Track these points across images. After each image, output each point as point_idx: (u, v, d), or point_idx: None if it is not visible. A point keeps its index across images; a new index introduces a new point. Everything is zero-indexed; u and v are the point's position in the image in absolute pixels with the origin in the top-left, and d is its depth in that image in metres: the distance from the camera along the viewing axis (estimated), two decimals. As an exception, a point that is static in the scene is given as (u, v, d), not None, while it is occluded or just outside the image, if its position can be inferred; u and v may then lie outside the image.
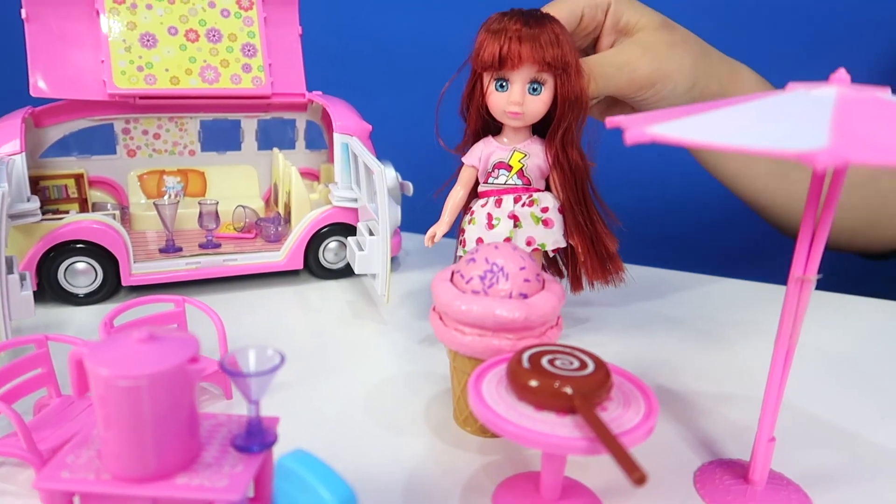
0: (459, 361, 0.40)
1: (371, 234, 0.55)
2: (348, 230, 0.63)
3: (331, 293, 0.61)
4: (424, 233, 0.83)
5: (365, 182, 0.57)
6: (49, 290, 0.55)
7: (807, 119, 0.26)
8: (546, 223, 0.47)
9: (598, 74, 0.49)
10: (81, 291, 0.56)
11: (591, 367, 0.32)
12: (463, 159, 0.49)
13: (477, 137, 0.49)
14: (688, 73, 0.52)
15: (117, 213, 0.62)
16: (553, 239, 0.47)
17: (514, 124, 0.46)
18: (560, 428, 0.29)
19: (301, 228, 0.62)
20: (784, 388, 0.34)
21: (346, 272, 0.64)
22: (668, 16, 0.54)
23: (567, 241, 0.48)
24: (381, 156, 0.70)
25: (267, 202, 0.74)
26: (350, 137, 0.61)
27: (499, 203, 0.47)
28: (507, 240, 0.46)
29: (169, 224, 0.60)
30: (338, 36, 1.02)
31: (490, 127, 0.49)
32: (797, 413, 0.43)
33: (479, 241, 0.47)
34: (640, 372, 0.48)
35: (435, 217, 0.52)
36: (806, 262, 0.32)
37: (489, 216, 0.47)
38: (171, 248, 0.61)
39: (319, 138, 0.76)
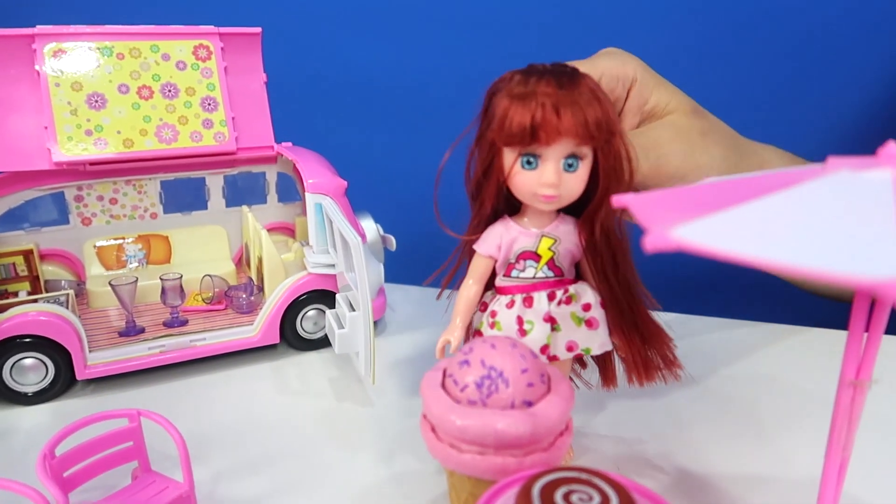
0: (457, 479, 0.34)
1: (351, 308, 0.50)
2: (328, 297, 0.58)
3: (311, 369, 0.56)
4: (413, 282, 0.79)
5: (341, 249, 0.51)
6: (-6, 390, 0.49)
7: (866, 222, 0.22)
8: (590, 324, 0.39)
9: None
10: (30, 390, 0.50)
11: (614, 502, 0.27)
12: (476, 248, 0.39)
13: (491, 219, 0.39)
14: (718, 167, 0.46)
15: (71, 292, 0.57)
16: (599, 342, 0.39)
17: (546, 209, 0.37)
18: None
19: (275, 299, 0.56)
20: (839, 510, 0.29)
21: (328, 342, 0.58)
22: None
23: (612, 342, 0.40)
24: (362, 196, 0.65)
25: (238, 263, 0.69)
26: (324, 197, 0.56)
27: (529, 302, 0.38)
28: (545, 347, 0.38)
29: (128, 304, 0.55)
30: (310, 70, 0.97)
31: (504, 206, 0.39)
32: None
33: None
34: (659, 452, 0.44)
35: (424, 263, 0.45)
36: (860, 363, 0.27)
37: (519, 320, 0.38)
38: (131, 330, 0.55)
39: (293, 189, 0.71)
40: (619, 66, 0.45)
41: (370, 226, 0.62)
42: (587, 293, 0.39)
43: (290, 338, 0.58)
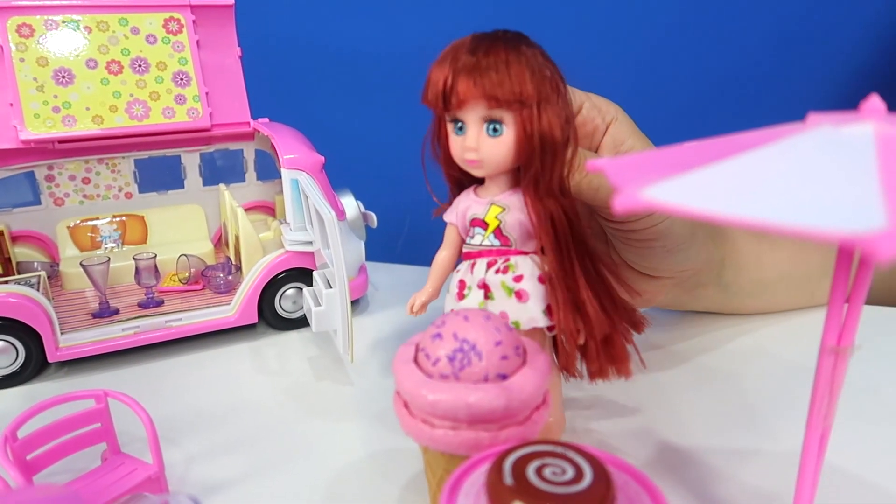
0: (431, 455, 0.33)
1: (329, 285, 0.49)
2: (307, 275, 0.57)
3: (290, 349, 0.55)
4: (396, 262, 0.78)
5: (318, 225, 0.50)
6: (-37, 374, 0.48)
7: (847, 176, 0.20)
8: (519, 296, 0.37)
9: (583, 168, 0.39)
10: (0, 373, 0.49)
11: (588, 477, 0.26)
12: (444, 217, 0.41)
13: (461, 187, 0.40)
14: None
15: (43, 274, 0.55)
16: (528, 317, 0.37)
17: (476, 174, 0.37)
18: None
19: (253, 278, 0.55)
20: (818, 481, 0.28)
21: (307, 321, 0.57)
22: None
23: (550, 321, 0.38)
24: (345, 172, 0.64)
25: (217, 243, 0.67)
26: (300, 173, 0.54)
27: (472, 269, 0.38)
28: None
29: (101, 285, 0.54)
30: (288, 44, 0.95)
31: (469, 175, 0.39)
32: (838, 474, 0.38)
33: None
34: (643, 426, 0.43)
35: (408, 241, 0.45)
36: (841, 329, 0.26)
37: (461, 284, 0.39)
38: (105, 312, 0.54)
39: (272, 167, 0.69)
40: (604, 102, 0.45)
41: (350, 202, 0.61)
42: (526, 265, 0.38)
43: (269, 317, 0.57)
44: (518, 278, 0.37)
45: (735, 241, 0.53)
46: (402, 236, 0.74)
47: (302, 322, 0.58)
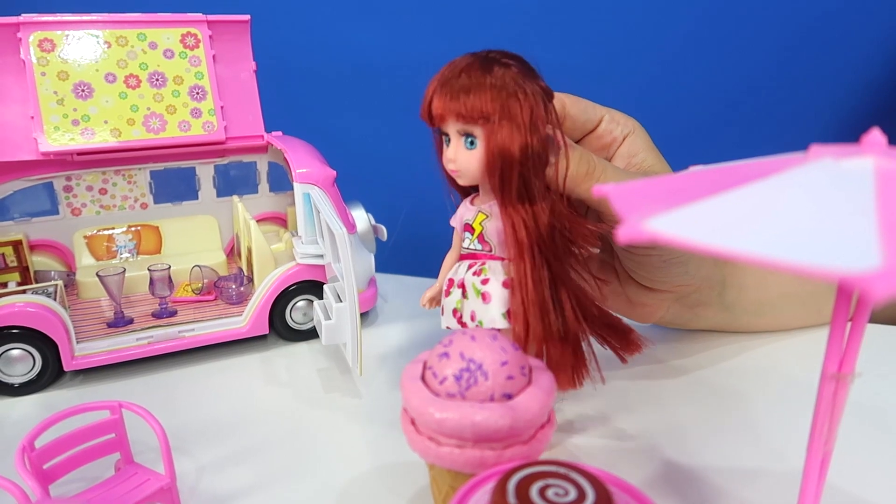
0: (437, 472, 0.34)
1: (339, 299, 0.49)
2: (317, 287, 0.57)
3: (300, 360, 0.56)
4: (406, 272, 0.78)
5: (329, 239, 0.51)
6: (-19, 381, 0.49)
7: (845, 212, 0.21)
8: (484, 297, 0.40)
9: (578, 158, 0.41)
10: (17, 381, 0.50)
11: (590, 498, 0.27)
12: (451, 220, 0.45)
13: (466, 194, 0.44)
14: None
15: (60, 283, 0.56)
16: (489, 317, 0.40)
17: (460, 183, 0.41)
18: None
19: (264, 290, 0.56)
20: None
21: (317, 332, 0.58)
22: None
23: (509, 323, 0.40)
24: (355, 183, 0.65)
25: (230, 254, 0.69)
26: (312, 187, 0.55)
27: (459, 269, 0.43)
28: (455, 311, 0.41)
29: (116, 295, 0.55)
30: (301, 57, 0.96)
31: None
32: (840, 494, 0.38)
33: (442, 309, 0.43)
34: (645, 445, 0.43)
35: (418, 253, 0.48)
36: (842, 356, 0.27)
37: (450, 282, 0.43)
38: (120, 321, 0.55)
39: (285, 179, 0.70)
40: (623, 116, 0.48)
41: (361, 216, 0.62)
42: (496, 270, 0.41)
43: (280, 328, 0.58)
44: (485, 281, 0.41)
45: (735, 261, 0.53)
46: (414, 247, 0.74)
47: (311, 334, 0.59)
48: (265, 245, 0.58)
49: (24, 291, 0.54)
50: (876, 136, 0.24)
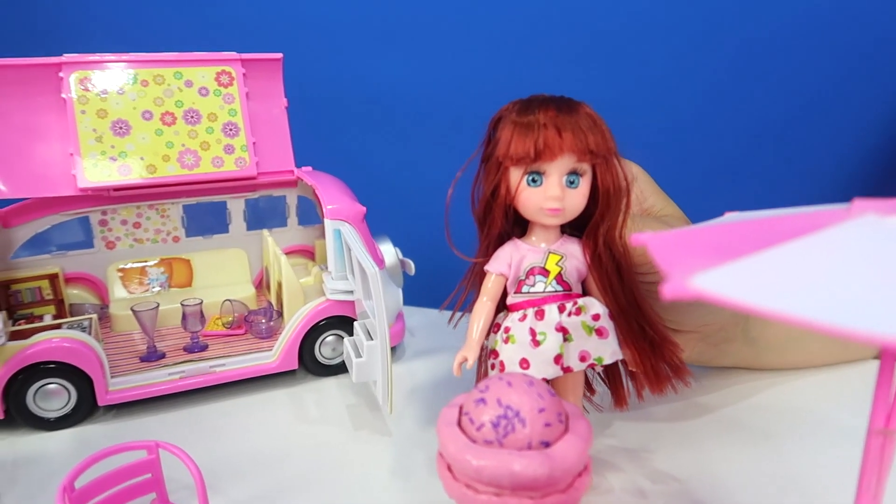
0: (474, 519, 0.34)
1: (369, 336, 0.50)
2: (346, 322, 0.58)
3: (329, 395, 0.56)
4: (433, 305, 0.78)
5: (359, 276, 0.51)
6: (17, 415, 0.50)
7: (890, 273, 0.21)
8: (600, 333, 0.40)
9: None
10: (53, 415, 0.50)
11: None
12: (488, 268, 0.42)
13: (500, 241, 0.42)
14: None
15: (95, 317, 0.57)
16: (611, 350, 0.40)
17: (551, 222, 0.40)
18: None
19: (294, 325, 0.57)
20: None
21: (346, 367, 0.58)
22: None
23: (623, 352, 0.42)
24: (380, 216, 0.65)
25: (259, 286, 0.69)
26: (342, 223, 0.56)
27: (540, 315, 0.40)
28: (559, 357, 0.39)
29: (149, 330, 0.55)
30: (330, 92, 0.98)
31: (510, 228, 0.42)
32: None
33: (524, 362, 0.40)
34: (683, 490, 0.43)
35: (445, 286, 0.47)
36: (889, 412, 0.26)
37: (532, 332, 0.40)
38: (152, 356, 0.55)
39: (313, 212, 0.71)
40: (625, 161, 0.48)
41: (389, 250, 0.62)
42: (595, 305, 0.41)
43: (309, 363, 0.58)
44: (596, 317, 0.40)
45: (784, 323, 0.53)
46: (442, 280, 0.75)
47: (340, 368, 0.59)
48: (295, 280, 0.58)
49: (59, 326, 0.55)
50: (921, 192, 0.24)
